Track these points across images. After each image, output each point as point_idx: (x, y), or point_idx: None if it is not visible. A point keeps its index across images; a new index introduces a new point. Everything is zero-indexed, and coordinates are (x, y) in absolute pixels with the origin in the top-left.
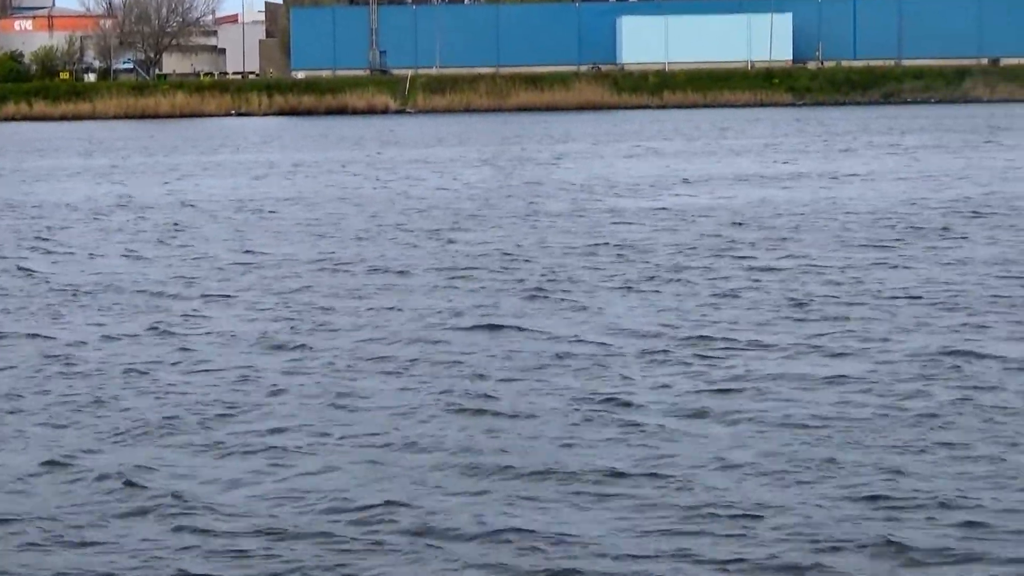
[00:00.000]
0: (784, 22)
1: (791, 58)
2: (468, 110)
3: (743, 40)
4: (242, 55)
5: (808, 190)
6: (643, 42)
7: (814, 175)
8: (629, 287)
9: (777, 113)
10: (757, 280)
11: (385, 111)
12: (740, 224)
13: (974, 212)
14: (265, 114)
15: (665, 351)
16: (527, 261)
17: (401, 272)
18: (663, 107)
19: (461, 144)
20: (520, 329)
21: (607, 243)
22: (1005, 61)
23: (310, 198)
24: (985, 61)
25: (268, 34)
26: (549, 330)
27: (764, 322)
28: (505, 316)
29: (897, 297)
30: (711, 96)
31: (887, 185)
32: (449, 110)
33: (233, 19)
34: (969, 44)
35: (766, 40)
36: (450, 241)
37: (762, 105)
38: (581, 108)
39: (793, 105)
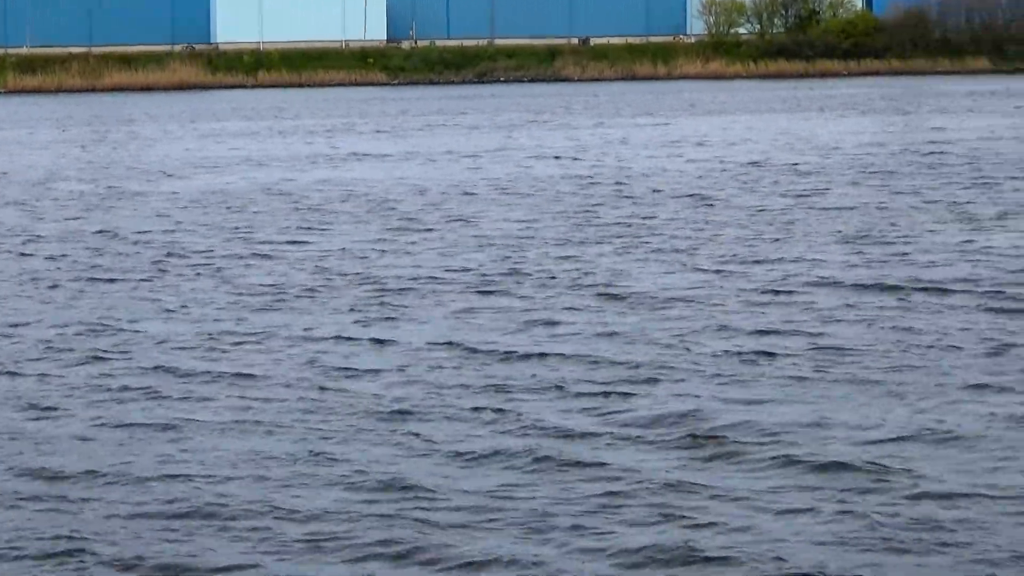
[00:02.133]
0: (378, 2)
1: (385, 37)
2: (61, 91)
3: (338, 19)
4: None
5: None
6: (237, 21)
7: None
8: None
9: (370, 92)
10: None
11: None
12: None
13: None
14: None
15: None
16: None
17: None
18: (258, 87)
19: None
20: None
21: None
22: (595, 40)
23: None
24: (576, 41)
25: None
26: None
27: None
28: None
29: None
30: (306, 75)
31: (397, 166)
32: (41, 91)
33: None
34: (560, 24)
35: (360, 19)
36: None
37: (357, 84)
38: (177, 88)
39: (388, 84)
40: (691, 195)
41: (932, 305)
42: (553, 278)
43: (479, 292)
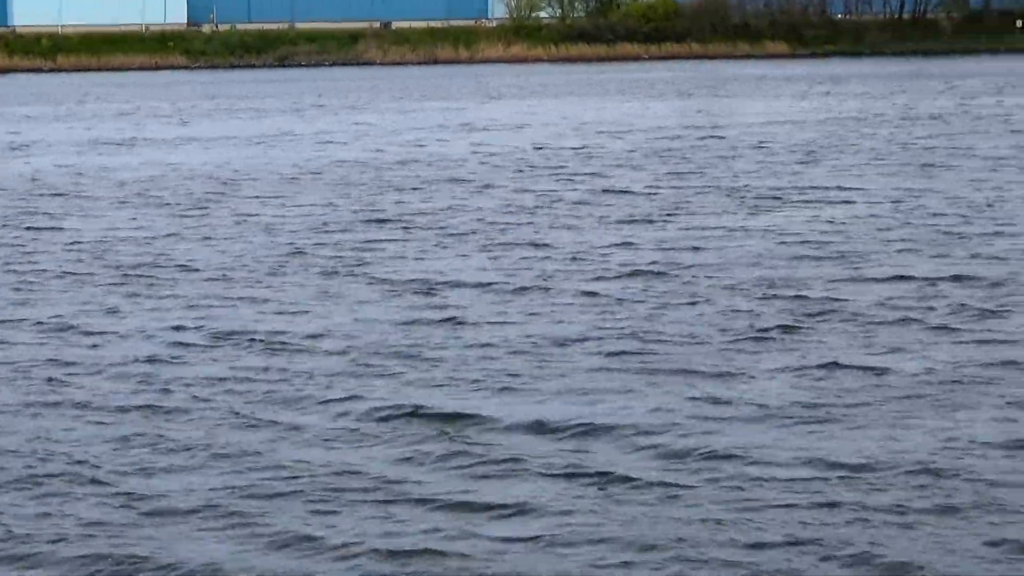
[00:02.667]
0: None
1: (186, 21)
2: None
3: (137, 3)
4: None
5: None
6: (35, 4)
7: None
8: None
9: (170, 76)
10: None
11: None
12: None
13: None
14: None
15: None
16: None
17: None
18: (57, 70)
19: None
20: None
21: None
22: (397, 24)
23: None
24: (377, 24)
25: None
26: None
27: None
28: None
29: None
30: (105, 59)
31: (178, 150)
32: None
33: None
34: (362, 7)
35: (160, 3)
36: None
37: (157, 68)
38: None
39: (188, 68)
40: (470, 180)
41: (696, 290)
42: (324, 264)
43: (239, 278)
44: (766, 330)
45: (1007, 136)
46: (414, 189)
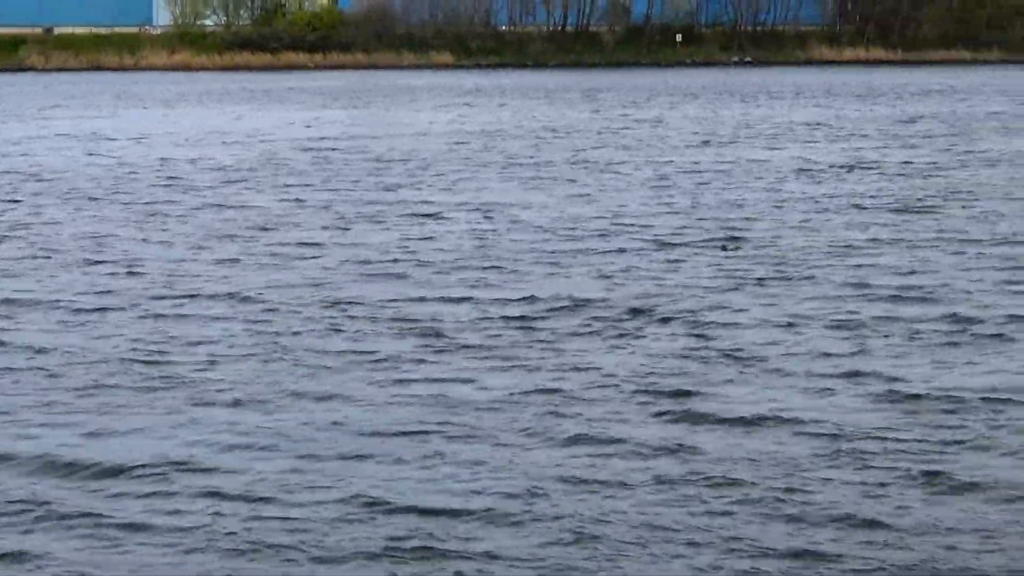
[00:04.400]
0: None
1: None
2: None
3: None
4: None
5: None
6: None
7: None
8: None
9: None
10: None
11: None
12: None
13: None
14: None
15: None
16: None
17: None
18: None
19: None
20: None
21: None
22: (60, 30)
23: None
24: (40, 30)
25: None
26: None
27: None
28: None
29: None
30: None
31: None
32: None
33: None
34: (26, 12)
35: None
36: None
37: None
38: None
39: None
40: (82, 193)
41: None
42: None
43: None
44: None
45: (621, 151)
46: (29, 201)
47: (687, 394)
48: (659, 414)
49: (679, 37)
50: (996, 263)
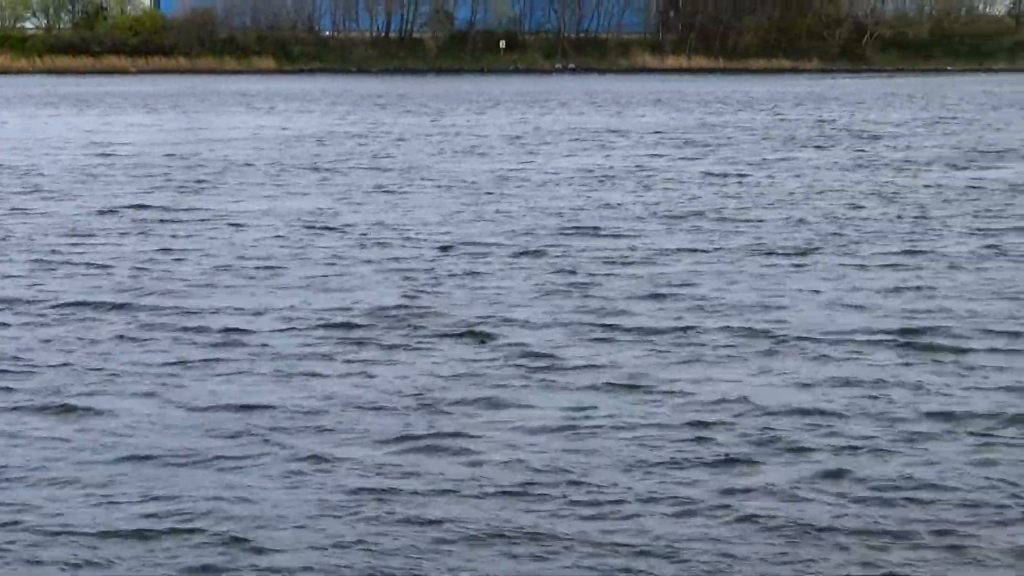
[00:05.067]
0: None
1: None
2: None
3: None
4: None
5: None
6: None
7: None
8: None
9: None
10: None
11: None
12: None
13: None
14: None
15: None
16: None
17: None
18: None
19: None
20: None
21: None
22: None
23: None
24: None
25: None
26: None
27: None
28: None
29: None
30: None
31: None
32: None
33: None
34: None
35: None
36: None
37: None
38: None
39: None
40: None
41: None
42: None
43: None
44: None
45: (430, 157)
46: None
47: (473, 402)
48: (425, 427)
49: (502, 44)
50: (790, 271)
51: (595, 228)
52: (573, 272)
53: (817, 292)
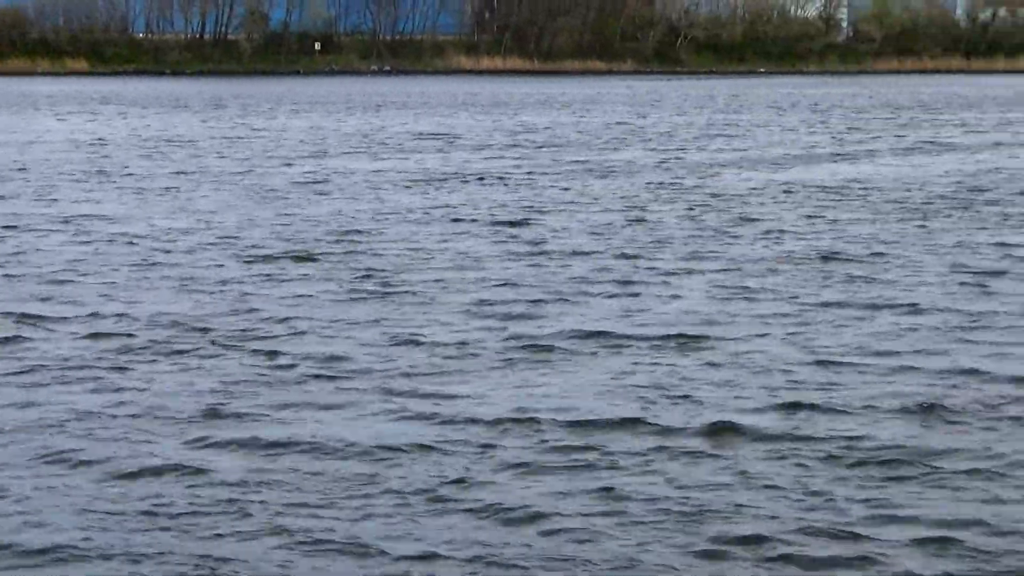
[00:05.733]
0: None
1: None
2: None
3: None
4: None
5: None
6: None
7: None
8: None
9: None
10: None
11: None
12: None
13: None
14: None
15: None
16: None
17: None
18: None
19: None
20: None
21: None
22: None
23: None
24: None
25: None
26: None
27: None
28: None
29: None
30: None
31: None
32: None
33: None
34: None
35: None
36: None
37: None
38: None
39: None
40: None
41: None
42: None
43: None
44: None
45: (232, 162)
46: None
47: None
48: (200, 438)
49: (318, 45)
50: (597, 275)
51: (379, 232)
52: (368, 277)
53: (605, 296)
